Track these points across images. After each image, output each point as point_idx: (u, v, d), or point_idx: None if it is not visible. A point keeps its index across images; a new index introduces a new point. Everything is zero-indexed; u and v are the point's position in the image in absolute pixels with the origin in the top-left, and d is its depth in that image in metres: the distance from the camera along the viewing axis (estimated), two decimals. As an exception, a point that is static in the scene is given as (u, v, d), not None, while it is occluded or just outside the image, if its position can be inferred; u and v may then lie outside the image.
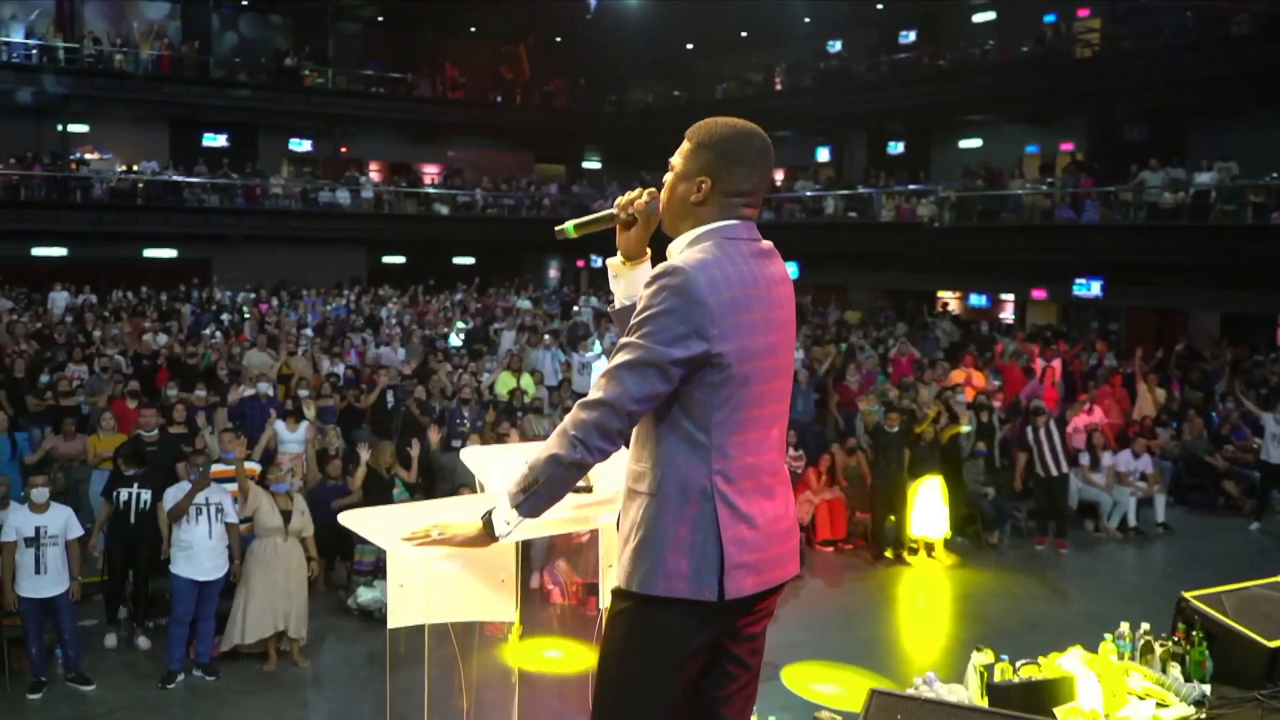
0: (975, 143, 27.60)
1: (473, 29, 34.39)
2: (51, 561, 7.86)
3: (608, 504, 2.73)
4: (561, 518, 2.67)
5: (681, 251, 2.45)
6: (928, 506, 11.53)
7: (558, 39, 34.69)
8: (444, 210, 32.07)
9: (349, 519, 2.68)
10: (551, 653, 8.07)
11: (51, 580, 7.85)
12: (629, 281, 2.71)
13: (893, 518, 11.66)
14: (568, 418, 2.36)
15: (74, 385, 13.00)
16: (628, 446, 2.42)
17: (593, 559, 5.24)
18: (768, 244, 2.51)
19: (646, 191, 2.64)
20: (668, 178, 2.55)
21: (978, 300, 26.62)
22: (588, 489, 2.73)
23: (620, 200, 2.69)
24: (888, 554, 11.59)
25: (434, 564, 2.66)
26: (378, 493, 9.36)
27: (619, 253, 2.74)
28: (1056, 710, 3.76)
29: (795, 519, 2.59)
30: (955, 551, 11.90)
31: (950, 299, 27.18)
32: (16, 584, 7.82)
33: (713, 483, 2.34)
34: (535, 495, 2.35)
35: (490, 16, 32.59)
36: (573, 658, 7.88)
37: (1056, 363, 15.88)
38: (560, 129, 34.86)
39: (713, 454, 2.34)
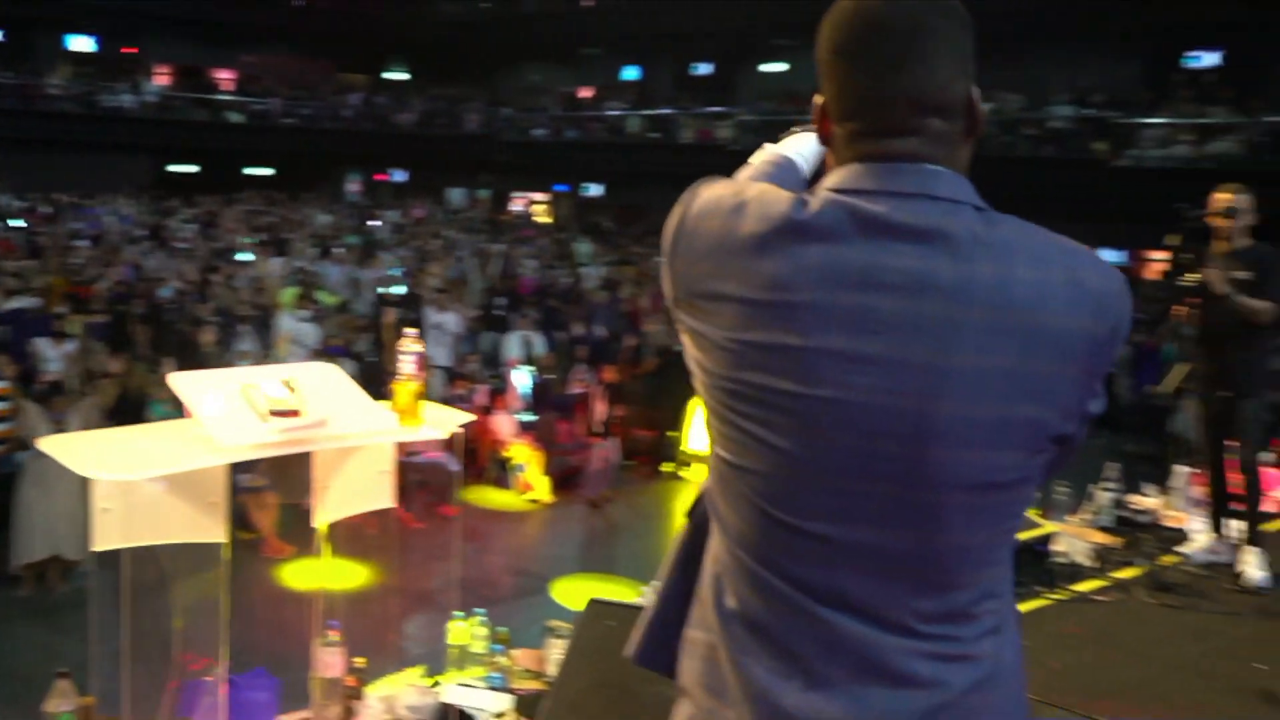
0: (781, 67, 28.03)
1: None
2: None
3: (318, 426, 2.82)
4: (271, 441, 2.74)
5: None
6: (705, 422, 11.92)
7: (363, -59, 33.54)
8: (238, 118, 30.87)
9: (48, 444, 2.68)
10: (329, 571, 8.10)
11: None
12: None
13: (672, 433, 12.04)
14: None
15: None
16: None
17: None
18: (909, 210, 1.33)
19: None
20: None
21: (774, 223, 27.28)
22: (296, 412, 2.79)
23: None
24: (665, 469, 12.00)
25: (138, 486, 2.70)
26: (131, 415, 9.09)
27: None
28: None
29: None
30: (733, 466, 12.38)
31: (749, 221, 27.80)
32: None
33: None
34: None
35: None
36: (347, 576, 7.94)
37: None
38: (364, 36, 33.79)
39: None
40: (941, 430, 1.27)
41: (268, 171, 31.39)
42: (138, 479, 2.58)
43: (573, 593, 8.58)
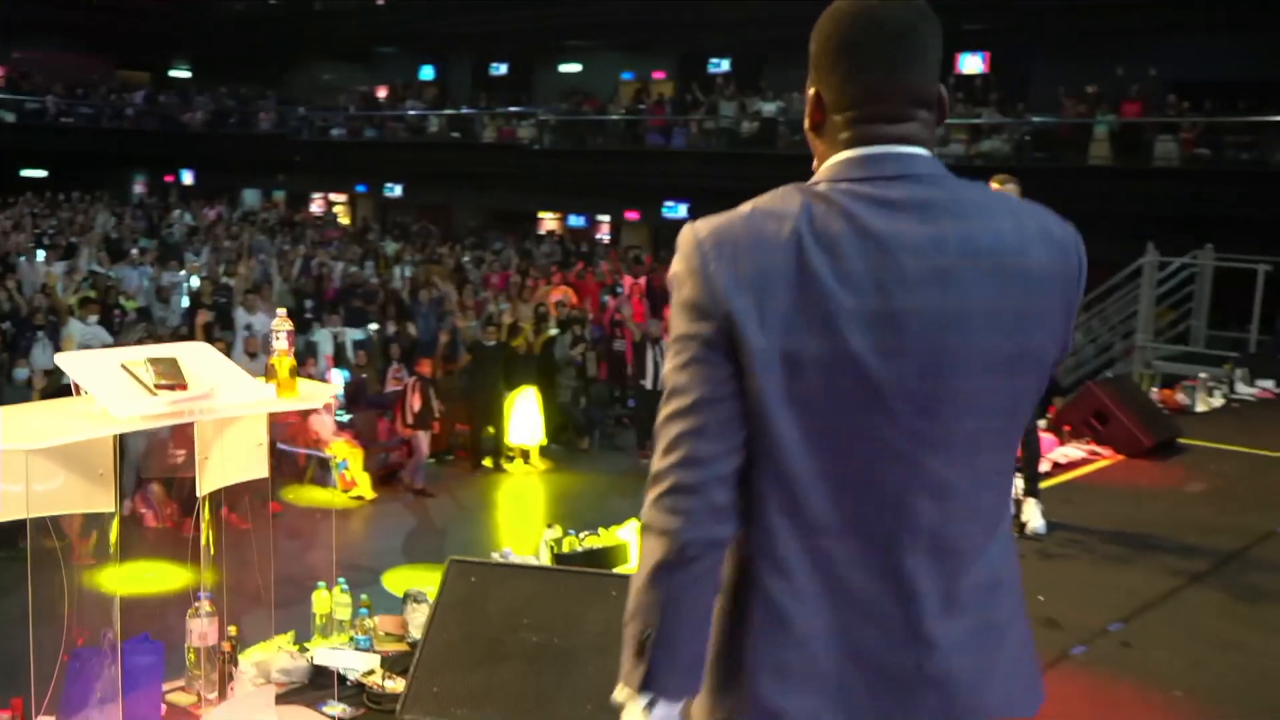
0: (576, 68, 28.47)
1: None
2: None
3: (205, 398, 2.98)
4: (163, 412, 2.90)
5: None
6: (524, 416, 12.21)
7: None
8: (9, 117, 29.29)
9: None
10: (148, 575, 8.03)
11: None
12: None
13: (491, 428, 12.25)
14: None
15: None
16: None
17: (188, 486, 5.38)
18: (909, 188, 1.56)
19: None
20: None
21: (576, 221, 27.74)
22: (183, 386, 2.95)
23: None
24: (486, 463, 12.20)
25: (37, 457, 2.81)
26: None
27: None
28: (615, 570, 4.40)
29: None
30: (550, 458, 12.69)
31: (551, 220, 28.14)
32: None
33: None
34: None
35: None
36: (167, 579, 7.88)
37: (643, 280, 17.00)
38: (145, 32, 32.50)
39: None
40: (980, 362, 1.50)
41: (43, 173, 29.85)
42: (40, 448, 2.71)
43: (405, 582, 8.71)
